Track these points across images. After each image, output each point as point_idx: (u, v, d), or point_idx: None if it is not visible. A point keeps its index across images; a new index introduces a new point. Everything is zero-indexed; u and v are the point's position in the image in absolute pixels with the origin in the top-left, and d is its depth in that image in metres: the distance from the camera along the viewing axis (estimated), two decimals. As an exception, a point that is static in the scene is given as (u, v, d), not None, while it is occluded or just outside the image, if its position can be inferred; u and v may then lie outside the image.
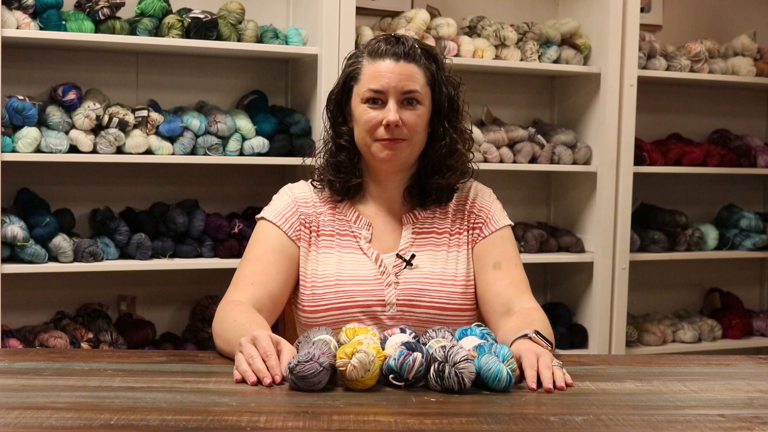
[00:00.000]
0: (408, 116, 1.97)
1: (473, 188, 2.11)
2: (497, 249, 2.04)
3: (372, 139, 1.98)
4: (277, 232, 2.02)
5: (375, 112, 1.97)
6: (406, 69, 1.98)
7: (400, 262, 2.01)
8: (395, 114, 1.95)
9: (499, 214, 2.09)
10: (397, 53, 1.99)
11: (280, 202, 2.07)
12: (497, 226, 2.06)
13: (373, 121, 1.97)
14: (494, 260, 2.02)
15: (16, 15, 3.04)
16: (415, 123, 1.98)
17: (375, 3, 3.68)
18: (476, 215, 2.07)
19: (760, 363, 1.93)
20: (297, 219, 2.04)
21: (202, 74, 3.53)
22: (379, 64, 1.99)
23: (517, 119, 3.98)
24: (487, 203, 2.09)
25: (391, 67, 1.98)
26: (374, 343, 1.60)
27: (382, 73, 1.97)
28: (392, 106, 1.96)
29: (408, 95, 1.97)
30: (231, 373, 1.64)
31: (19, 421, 1.34)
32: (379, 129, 1.97)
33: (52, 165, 3.23)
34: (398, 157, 1.99)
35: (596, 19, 3.81)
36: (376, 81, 1.98)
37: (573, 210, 3.98)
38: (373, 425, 1.37)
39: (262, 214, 2.06)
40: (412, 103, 1.98)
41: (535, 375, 1.62)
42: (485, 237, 2.05)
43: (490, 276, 2.01)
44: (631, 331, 3.94)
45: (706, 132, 4.35)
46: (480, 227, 2.06)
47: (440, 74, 2.03)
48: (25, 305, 3.28)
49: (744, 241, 4.16)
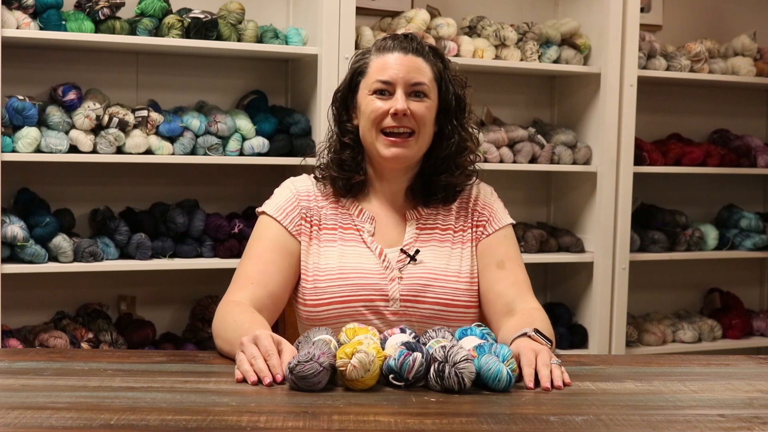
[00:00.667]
0: (416, 107, 1.98)
1: (475, 186, 2.12)
2: (501, 248, 2.04)
3: (377, 132, 1.98)
4: (277, 227, 2.02)
5: (382, 102, 1.98)
6: (414, 62, 2.00)
7: (404, 258, 2.00)
8: (403, 103, 1.96)
9: (501, 212, 2.09)
10: (406, 47, 2.00)
11: (281, 196, 2.06)
12: (500, 224, 2.07)
13: (380, 110, 1.97)
14: (497, 259, 2.03)
15: (16, 15, 3.04)
16: (423, 114, 1.98)
17: (375, 3, 3.68)
18: (480, 213, 2.07)
19: (760, 363, 1.93)
20: (298, 213, 2.03)
21: (202, 74, 3.53)
22: (388, 57, 2.00)
23: (517, 119, 3.98)
24: (489, 201, 2.09)
25: (399, 59, 1.99)
26: (374, 343, 1.60)
27: (391, 64, 1.99)
28: (400, 96, 1.97)
29: (416, 87, 1.98)
30: (231, 373, 1.64)
31: (19, 421, 1.34)
32: (386, 119, 1.97)
33: (52, 165, 3.23)
34: (405, 154, 1.99)
35: (596, 19, 3.81)
36: (384, 72, 1.98)
37: (573, 210, 3.98)
38: (373, 425, 1.37)
39: (263, 208, 2.06)
40: (419, 96, 1.99)
41: (533, 373, 1.62)
42: (489, 235, 2.06)
43: (493, 275, 2.01)
44: (631, 331, 3.94)
45: (706, 132, 4.35)
46: (483, 225, 2.06)
47: (447, 73, 2.04)
48: (25, 305, 3.28)
49: (744, 241, 4.16)
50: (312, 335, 1.69)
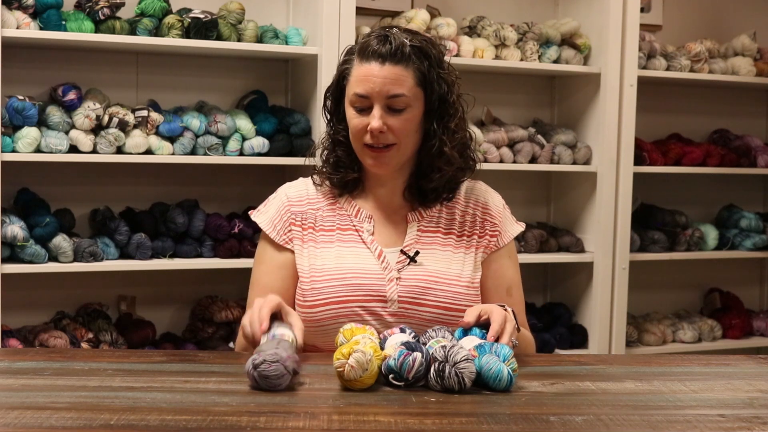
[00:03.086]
0: (394, 122, 1.94)
1: (483, 191, 2.09)
2: (508, 271, 2.06)
3: (360, 145, 1.98)
4: (269, 246, 2.04)
5: (361, 118, 1.95)
6: (392, 72, 1.93)
7: (404, 259, 1.99)
8: (379, 121, 1.92)
9: (510, 224, 2.09)
10: (383, 54, 1.93)
11: (272, 206, 2.07)
12: (509, 238, 2.07)
13: (359, 126, 1.95)
14: (506, 285, 2.05)
15: (16, 15, 3.04)
16: (402, 127, 1.94)
17: (375, 3, 3.68)
18: (492, 222, 2.05)
19: (760, 363, 1.93)
20: (287, 220, 2.03)
21: (202, 74, 3.53)
22: (365, 68, 1.94)
23: (517, 119, 3.98)
24: (500, 211, 2.08)
25: (375, 70, 1.93)
26: (371, 343, 1.59)
27: (367, 77, 1.94)
28: (377, 113, 1.93)
29: (393, 100, 1.93)
30: (231, 373, 1.64)
31: (19, 421, 1.34)
32: (366, 135, 1.95)
33: (52, 165, 3.23)
34: (386, 165, 1.98)
35: (596, 19, 3.81)
36: (360, 85, 1.94)
37: (573, 210, 3.98)
38: (373, 425, 1.37)
39: (255, 217, 2.07)
40: (398, 110, 1.94)
41: (499, 330, 1.71)
42: (499, 249, 2.05)
43: (504, 302, 1.98)
44: (631, 331, 3.94)
45: (706, 132, 4.35)
46: (496, 236, 2.05)
47: (433, 72, 1.97)
48: (25, 305, 3.28)
49: (744, 241, 4.16)
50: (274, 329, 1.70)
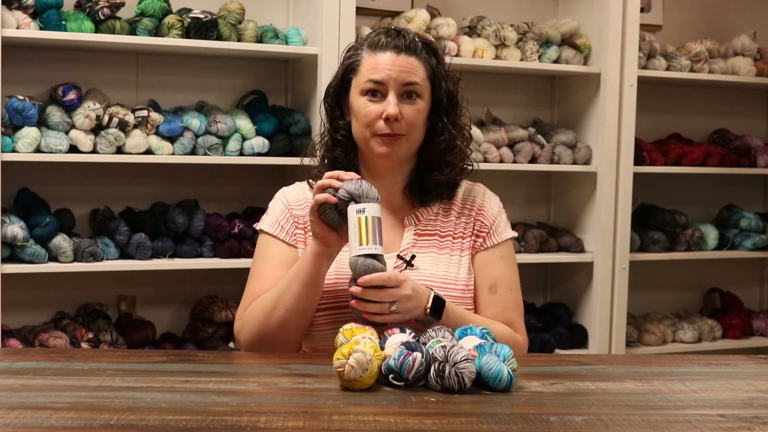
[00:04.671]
0: (407, 111, 1.95)
1: (481, 194, 2.09)
2: (496, 269, 2.02)
3: (371, 134, 1.96)
4: (276, 243, 2.01)
5: (374, 105, 1.95)
6: (407, 62, 1.96)
7: (401, 263, 1.98)
8: (395, 107, 1.93)
9: (503, 226, 2.06)
10: (398, 46, 1.96)
11: (274, 210, 2.06)
12: (499, 239, 2.04)
13: (372, 114, 1.95)
14: (490, 282, 2.01)
15: (16, 15, 3.04)
16: (414, 118, 1.95)
17: (375, 3, 3.69)
18: (482, 223, 2.04)
19: (760, 363, 1.93)
20: (292, 223, 2.02)
21: (202, 74, 3.53)
22: (380, 56, 1.96)
23: (517, 119, 3.98)
24: (493, 212, 2.06)
25: (392, 59, 1.95)
26: (371, 343, 1.59)
27: (383, 64, 1.95)
28: (392, 99, 1.94)
29: (408, 87, 1.95)
30: (231, 373, 1.64)
31: (19, 421, 1.34)
32: (378, 123, 1.94)
33: (52, 165, 3.23)
34: (397, 153, 1.97)
35: (596, 19, 3.81)
36: (376, 72, 1.95)
37: (573, 210, 3.98)
38: (373, 425, 1.37)
39: (260, 226, 2.05)
40: (411, 97, 1.96)
41: (374, 281, 1.76)
42: (486, 249, 2.03)
43: (485, 299, 2.00)
44: (631, 331, 3.94)
45: (706, 132, 4.35)
46: (483, 237, 2.03)
47: (440, 69, 2.01)
48: (25, 305, 3.28)
49: (744, 241, 4.16)
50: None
